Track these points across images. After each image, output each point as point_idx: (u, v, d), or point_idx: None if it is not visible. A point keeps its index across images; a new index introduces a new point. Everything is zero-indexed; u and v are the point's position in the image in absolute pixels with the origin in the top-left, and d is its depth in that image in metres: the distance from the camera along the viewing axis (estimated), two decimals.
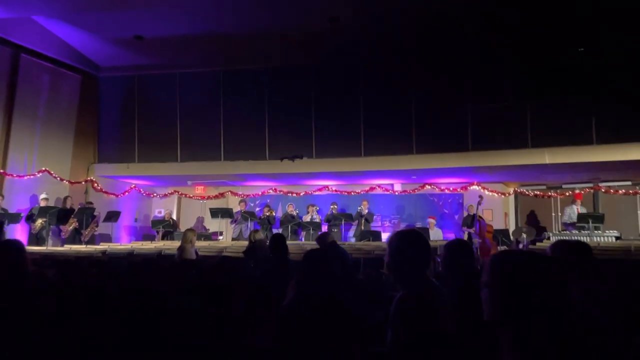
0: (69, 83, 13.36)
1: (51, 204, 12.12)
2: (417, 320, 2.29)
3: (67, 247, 11.05)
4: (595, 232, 11.00)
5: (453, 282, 2.71)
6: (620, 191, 12.64)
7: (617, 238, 10.93)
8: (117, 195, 14.32)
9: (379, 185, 14.06)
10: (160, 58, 13.10)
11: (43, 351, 2.67)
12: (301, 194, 14.48)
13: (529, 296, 1.36)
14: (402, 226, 14.29)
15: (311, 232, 12.63)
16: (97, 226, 12.67)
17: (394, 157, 12.07)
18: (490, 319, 1.43)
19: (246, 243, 9.31)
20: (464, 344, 2.04)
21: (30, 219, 11.70)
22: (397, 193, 14.17)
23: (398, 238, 2.42)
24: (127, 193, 14.67)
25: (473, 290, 1.64)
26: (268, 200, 14.83)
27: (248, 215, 13.02)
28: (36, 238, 11.54)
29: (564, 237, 11.17)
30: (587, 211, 11.91)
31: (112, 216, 12.63)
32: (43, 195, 11.94)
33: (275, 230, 13.18)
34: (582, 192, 12.60)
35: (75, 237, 12.19)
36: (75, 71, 13.35)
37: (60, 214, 12.00)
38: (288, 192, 14.66)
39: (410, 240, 2.39)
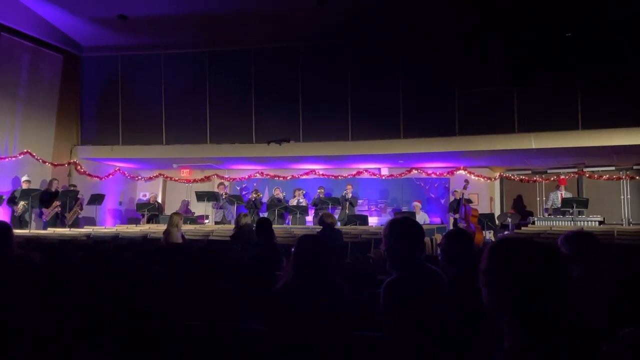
0: (50, 63, 13.07)
1: (34, 186, 11.92)
2: (406, 304, 2.29)
3: (51, 230, 10.90)
4: (579, 216, 11.14)
5: (452, 270, 2.72)
6: (604, 176, 12.79)
7: (601, 223, 11.09)
8: (101, 178, 14.14)
9: (366, 170, 14.05)
10: (145, 38, 12.85)
11: (29, 335, 2.62)
12: (288, 178, 14.42)
13: (528, 284, 1.34)
14: (389, 210, 14.34)
15: (297, 216, 12.61)
16: (81, 209, 12.51)
17: (381, 142, 12.04)
18: (489, 305, 1.41)
19: (231, 226, 9.26)
20: (461, 331, 2.05)
21: (12, 201, 11.50)
22: (384, 177, 14.17)
23: (392, 225, 2.50)
24: (111, 176, 14.49)
25: (471, 280, 1.63)
26: (255, 184, 14.76)
27: (234, 198, 12.93)
28: (19, 221, 11.36)
29: (549, 222, 11.32)
30: (572, 196, 12.04)
31: (96, 199, 12.48)
32: (25, 178, 11.73)
33: (262, 214, 13.14)
34: (567, 177, 12.72)
35: (56, 221, 12.03)
36: (57, 51, 13.05)
37: (44, 197, 11.82)
38: (275, 176, 14.59)
39: (404, 226, 2.46)
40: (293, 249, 2.46)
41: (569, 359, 1.29)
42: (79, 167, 13.58)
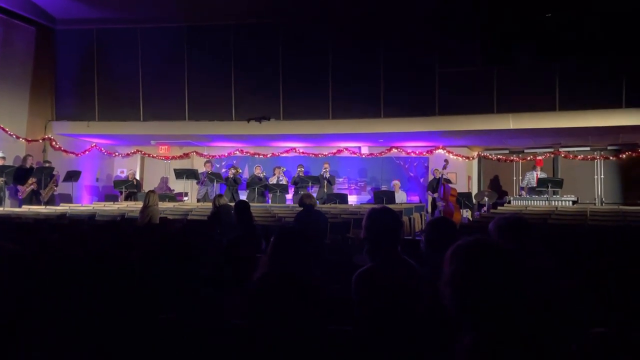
0: (22, 35, 12.68)
1: (8, 163, 11.67)
2: (375, 294, 2.33)
3: (26, 208, 10.73)
4: (554, 196, 11.37)
5: (435, 258, 2.73)
6: (579, 156, 13.02)
7: (574, 202, 11.34)
8: (77, 154, 13.89)
9: (346, 148, 14.06)
10: (121, 11, 12.51)
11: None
12: (268, 156, 14.36)
13: (490, 286, 1.38)
14: (368, 189, 14.44)
15: (278, 194, 12.61)
16: (56, 186, 12.30)
17: (361, 120, 12.03)
18: (449, 304, 1.44)
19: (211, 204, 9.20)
20: (436, 321, 2.08)
21: None
22: (364, 156, 14.21)
23: (370, 216, 2.53)
24: (87, 152, 14.24)
25: None
26: (234, 162, 14.68)
27: (214, 176, 12.85)
28: None
29: (525, 201, 11.53)
30: (547, 176, 12.26)
31: (73, 176, 12.28)
32: None
33: (241, 192, 13.09)
34: (543, 157, 12.93)
35: (32, 197, 11.83)
36: (29, 23, 12.65)
37: (19, 174, 11.59)
38: (255, 154, 14.52)
39: (381, 218, 2.50)
40: (272, 239, 2.45)
41: (524, 355, 1.34)
42: (54, 143, 13.31)
